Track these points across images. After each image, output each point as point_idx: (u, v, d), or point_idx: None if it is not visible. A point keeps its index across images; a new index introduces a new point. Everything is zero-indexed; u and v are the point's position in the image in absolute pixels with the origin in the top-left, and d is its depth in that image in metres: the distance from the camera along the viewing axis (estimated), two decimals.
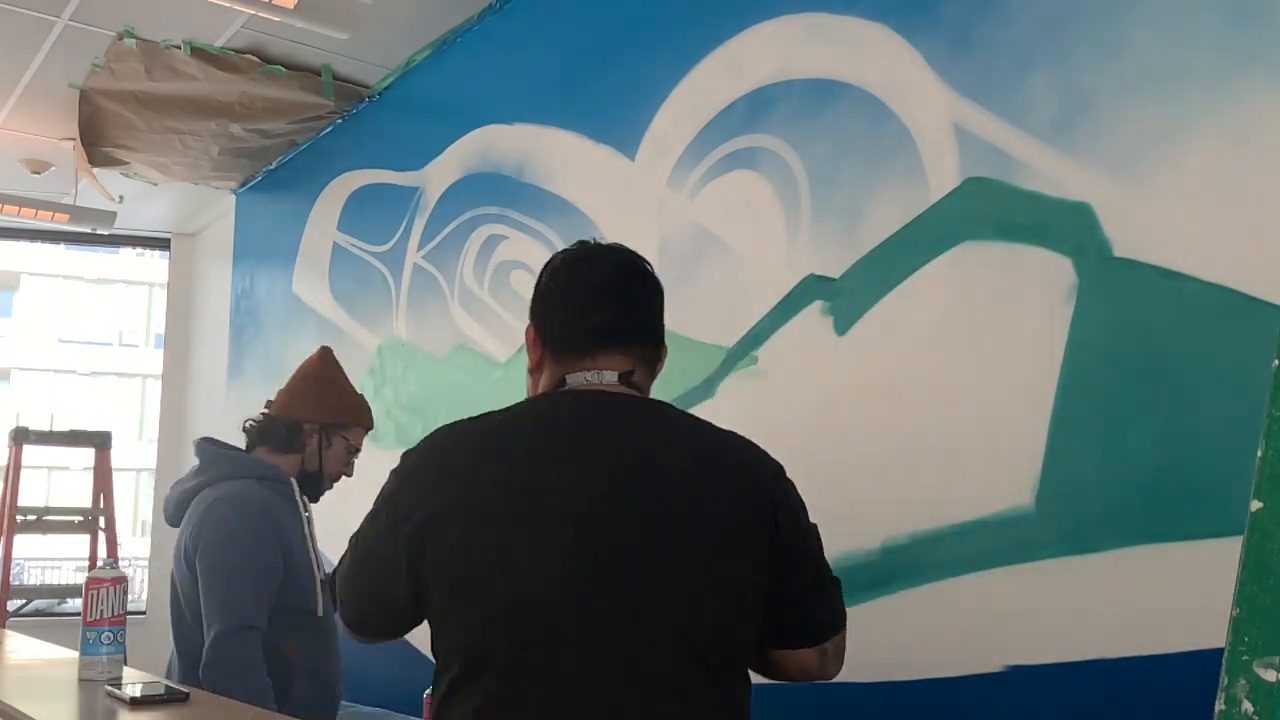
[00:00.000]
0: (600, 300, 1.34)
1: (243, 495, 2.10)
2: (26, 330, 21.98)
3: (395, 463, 1.33)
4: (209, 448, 2.23)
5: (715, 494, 1.24)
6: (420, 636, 1.33)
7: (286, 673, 2.04)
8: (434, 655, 1.27)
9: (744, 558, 1.23)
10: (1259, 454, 0.63)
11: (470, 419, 1.33)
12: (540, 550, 1.20)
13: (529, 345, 1.39)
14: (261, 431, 2.22)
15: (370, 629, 1.36)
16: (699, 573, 1.21)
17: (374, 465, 2.54)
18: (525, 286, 3.15)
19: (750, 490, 1.26)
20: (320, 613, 2.13)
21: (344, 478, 2.33)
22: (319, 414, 2.23)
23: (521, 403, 1.35)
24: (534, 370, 1.39)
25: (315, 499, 2.29)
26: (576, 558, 1.19)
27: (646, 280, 1.38)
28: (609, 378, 1.31)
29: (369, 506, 1.33)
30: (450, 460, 1.28)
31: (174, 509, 2.22)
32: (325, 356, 2.35)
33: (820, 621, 1.31)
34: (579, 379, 1.31)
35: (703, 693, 1.19)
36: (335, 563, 2.42)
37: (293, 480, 2.20)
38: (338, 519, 2.91)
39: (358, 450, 2.32)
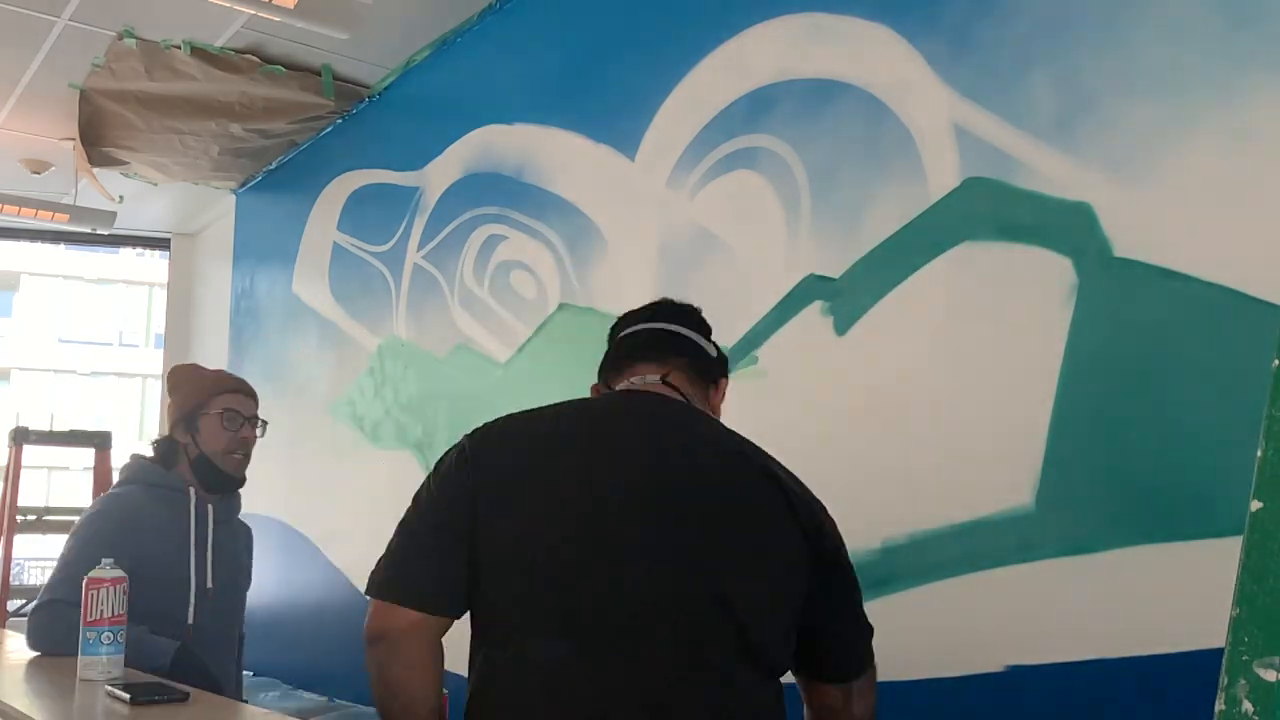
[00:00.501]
0: (640, 330, 1.44)
1: (109, 498, 2.18)
2: (26, 330, 21.98)
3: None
4: (130, 460, 2.27)
5: (755, 493, 1.26)
6: None
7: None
8: (472, 635, 1.26)
9: (787, 557, 1.25)
10: (1259, 454, 0.63)
11: (512, 414, 1.36)
12: (578, 532, 1.22)
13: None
14: (154, 455, 2.25)
15: (407, 590, 1.24)
16: (745, 560, 1.22)
17: (373, 464, 2.54)
18: (525, 286, 3.17)
19: (798, 504, 1.27)
20: (191, 620, 2.08)
21: (245, 447, 2.21)
22: (175, 416, 2.23)
23: (565, 401, 1.39)
24: None
25: (229, 485, 2.21)
26: (617, 537, 1.21)
27: (686, 315, 1.47)
28: (650, 379, 1.38)
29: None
30: (491, 446, 1.30)
31: None
32: (169, 373, 2.35)
33: (850, 653, 1.32)
34: (621, 385, 1.40)
35: (743, 672, 1.21)
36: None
37: (190, 490, 2.16)
38: (326, 519, 2.92)
39: (238, 413, 2.20)
